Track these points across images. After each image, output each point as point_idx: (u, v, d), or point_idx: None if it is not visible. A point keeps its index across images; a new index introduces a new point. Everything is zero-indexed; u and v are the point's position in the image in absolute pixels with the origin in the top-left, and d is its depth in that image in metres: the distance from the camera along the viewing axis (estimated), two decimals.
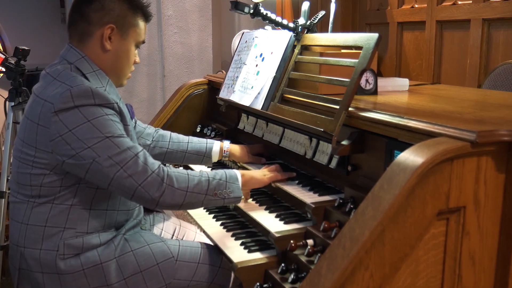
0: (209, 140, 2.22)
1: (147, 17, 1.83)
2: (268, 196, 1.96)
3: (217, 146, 2.18)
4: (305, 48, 2.00)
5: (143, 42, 1.85)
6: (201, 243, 1.84)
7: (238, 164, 2.19)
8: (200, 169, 1.81)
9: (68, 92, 1.56)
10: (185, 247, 1.78)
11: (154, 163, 1.61)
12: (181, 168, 2.35)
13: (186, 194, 1.62)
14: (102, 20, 1.70)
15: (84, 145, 1.54)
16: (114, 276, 1.64)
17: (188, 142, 2.19)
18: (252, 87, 2.11)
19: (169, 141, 2.18)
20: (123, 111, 1.68)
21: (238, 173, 1.77)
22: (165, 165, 1.70)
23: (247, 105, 2.09)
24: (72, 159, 1.56)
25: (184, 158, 2.19)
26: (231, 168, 2.28)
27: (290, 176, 1.88)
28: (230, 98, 2.26)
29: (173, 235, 2.12)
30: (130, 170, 1.55)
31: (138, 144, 1.86)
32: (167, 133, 2.21)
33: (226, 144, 2.19)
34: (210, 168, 2.31)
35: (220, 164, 2.34)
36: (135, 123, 2.11)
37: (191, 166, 2.38)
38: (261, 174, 1.87)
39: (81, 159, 1.55)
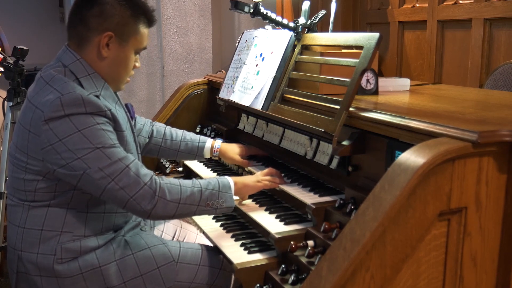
0: (202, 138, 2.22)
1: (150, 23, 1.76)
2: (268, 197, 1.95)
3: (209, 144, 2.20)
4: (306, 48, 1.99)
5: (145, 48, 1.78)
6: (201, 245, 1.83)
7: (246, 169, 2.14)
8: (193, 179, 1.78)
9: (58, 100, 1.52)
10: (186, 249, 1.77)
11: (147, 175, 1.58)
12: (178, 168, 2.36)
13: (179, 206, 1.61)
14: (101, 27, 1.65)
15: (75, 156, 1.51)
16: (114, 278, 1.63)
17: (181, 141, 2.19)
18: (252, 87, 2.10)
19: (163, 138, 2.18)
20: (116, 118, 1.63)
21: (231, 181, 1.75)
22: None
23: (247, 105, 2.08)
24: (62, 168, 1.54)
25: (177, 156, 2.23)
26: (232, 169, 2.28)
27: (283, 183, 1.86)
28: (230, 98, 2.25)
29: (173, 237, 2.11)
30: (122, 182, 1.53)
31: (138, 142, 1.86)
32: (162, 129, 2.20)
33: (217, 144, 2.19)
34: (211, 170, 2.30)
35: (222, 165, 2.33)
36: (135, 121, 2.08)
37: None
38: (255, 180, 1.85)
39: (72, 170, 1.52)
